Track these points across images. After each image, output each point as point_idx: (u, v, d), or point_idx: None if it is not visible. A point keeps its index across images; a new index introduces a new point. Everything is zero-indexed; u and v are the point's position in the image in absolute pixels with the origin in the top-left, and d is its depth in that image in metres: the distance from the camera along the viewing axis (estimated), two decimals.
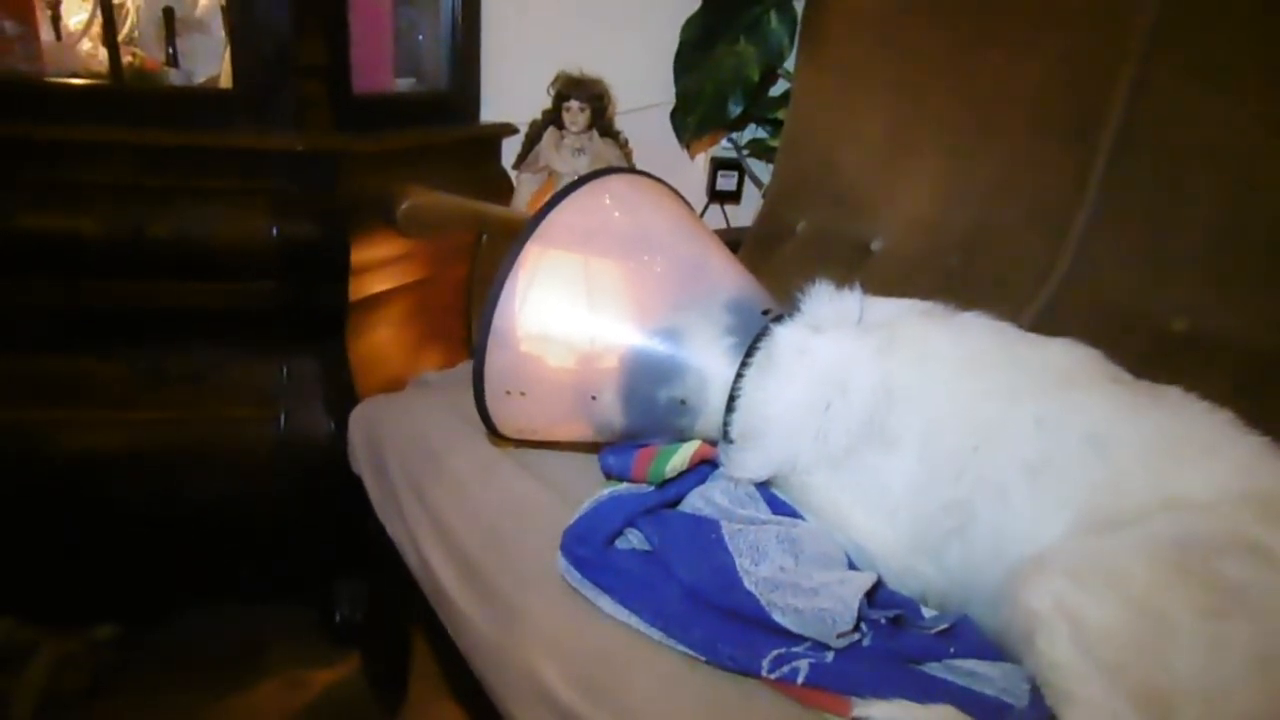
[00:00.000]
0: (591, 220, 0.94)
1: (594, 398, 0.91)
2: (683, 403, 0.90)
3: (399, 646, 1.54)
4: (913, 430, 0.82)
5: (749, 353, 0.89)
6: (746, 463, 0.88)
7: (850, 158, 1.47)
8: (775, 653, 0.72)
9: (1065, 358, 0.85)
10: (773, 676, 0.71)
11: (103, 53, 1.45)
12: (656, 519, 0.85)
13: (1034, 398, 0.80)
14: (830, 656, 0.72)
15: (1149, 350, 1.02)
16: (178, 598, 1.60)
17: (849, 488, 0.84)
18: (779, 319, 0.91)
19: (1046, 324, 1.09)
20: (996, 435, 0.79)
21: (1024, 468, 0.77)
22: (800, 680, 0.70)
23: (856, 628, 0.73)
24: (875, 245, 1.40)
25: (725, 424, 0.89)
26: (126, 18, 1.52)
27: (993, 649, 0.75)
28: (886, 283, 1.19)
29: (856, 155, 1.46)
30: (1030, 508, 0.75)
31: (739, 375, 0.88)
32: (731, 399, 0.89)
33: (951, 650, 0.74)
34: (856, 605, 0.72)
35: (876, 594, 0.79)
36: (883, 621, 0.75)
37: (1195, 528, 0.68)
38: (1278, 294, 0.96)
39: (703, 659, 0.75)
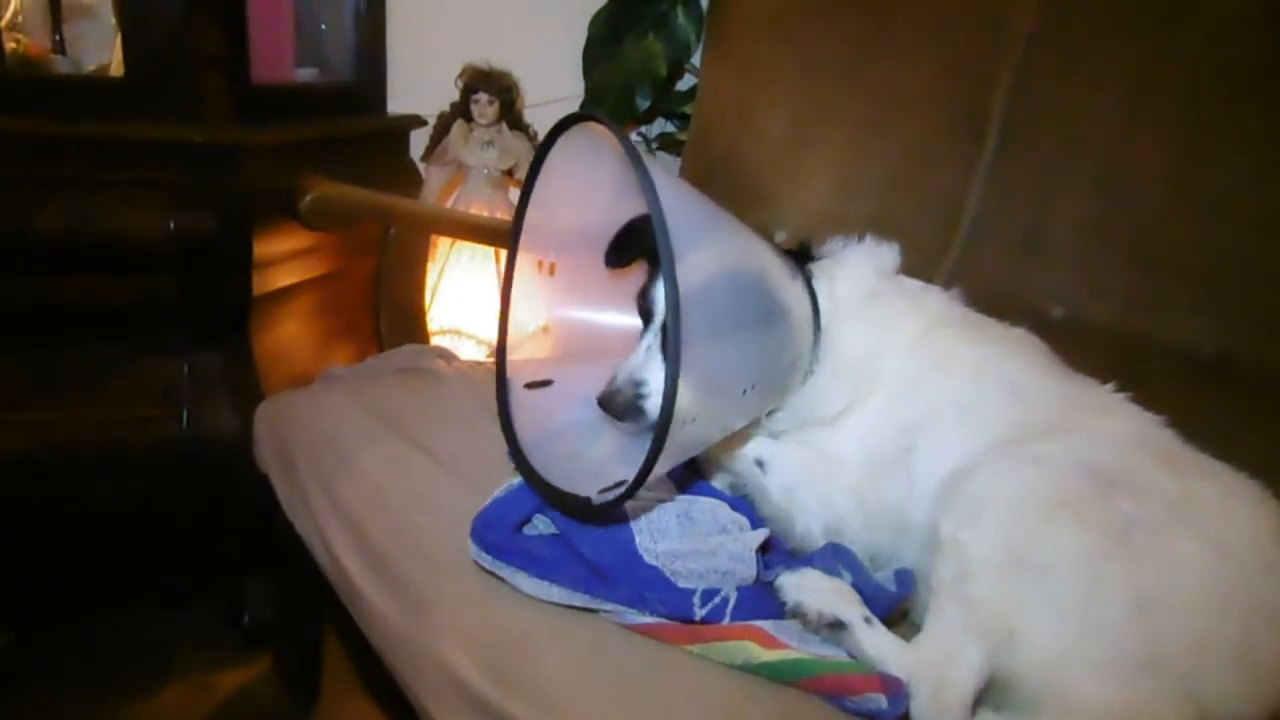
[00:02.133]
0: None
1: None
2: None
3: (310, 645, 1.52)
4: (892, 371, 0.90)
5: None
6: (834, 395, 0.91)
7: (754, 153, 1.51)
8: (702, 589, 0.77)
9: (1010, 331, 0.96)
10: (704, 612, 0.77)
11: None
12: None
13: (973, 345, 0.91)
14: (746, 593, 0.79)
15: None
16: (79, 602, 1.55)
17: (836, 430, 0.92)
18: (804, 257, 0.95)
19: None
20: (941, 373, 0.89)
21: (957, 405, 0.86)
22: (730, 608, 0.77)
23: (757, 580, 0.80)
24: (779, 237, 1.44)
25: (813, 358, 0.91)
26: (9, 3, 1.45)
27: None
28: None
29: (760, 150, 1.51)
30: (958, 441, 0.83)
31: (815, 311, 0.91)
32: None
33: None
34: (753, 559, 0.79)
35: (771, 551, 0.86)
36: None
37: (1097, 456, 0.75)
38: (1142, 282, 1.03)
39: (629, 616, 0.78)
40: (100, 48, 1.48)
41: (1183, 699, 0.64)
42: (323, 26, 1.80)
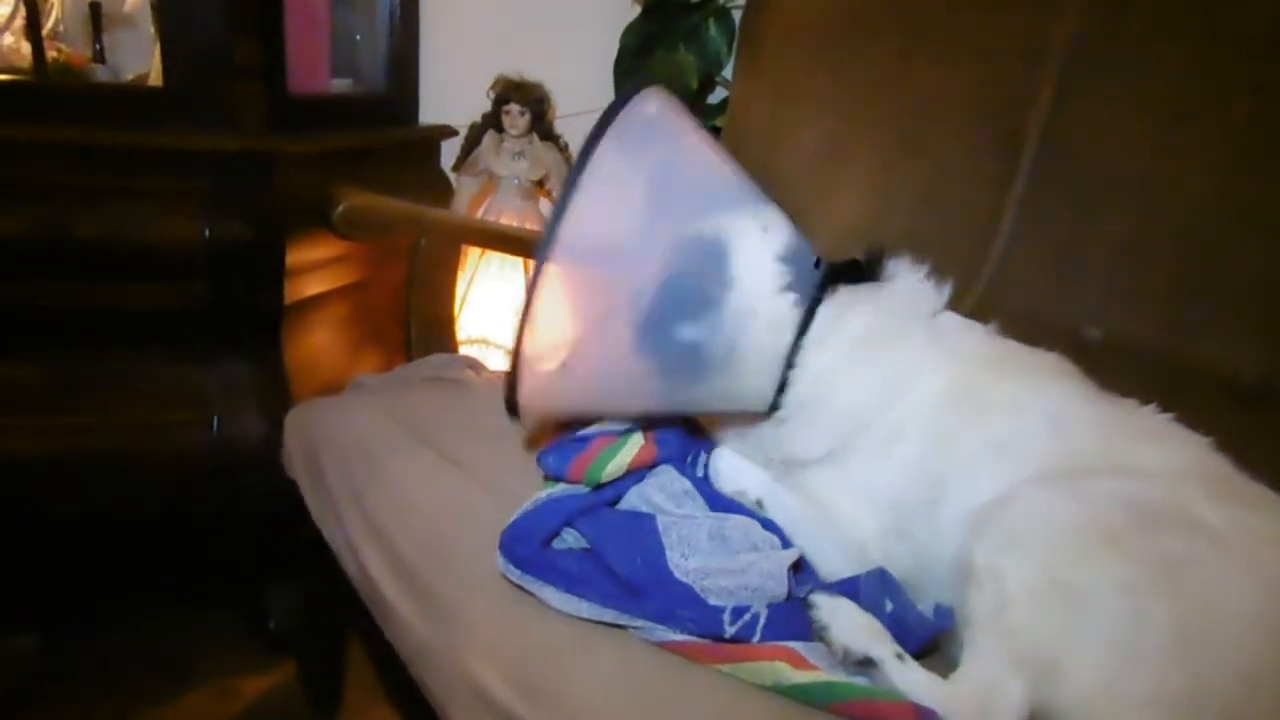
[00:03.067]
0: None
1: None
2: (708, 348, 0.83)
3: (334, 652, 1.52)
4: (921, 426, 0.85)
5: (810, 309, 0.85)
6: (809, 441, 0.87)
7: (786, 167, 1.51)
8: (732, 606, 0.76)
9: (1044, 356, 0.91)
10: (734, 630, 0.75)
11: (26, 47, 1.40)
12: (593, 517, 0.86)
13: (1008, 382, 0.85)
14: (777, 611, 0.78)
15: (1067, 356, 1.07)
16: (106, 606, 1.56)
17: (844, 477, 0.87)
18: (835, 276, 0.88)
19: None
20: (974, 420, 0.84)
21: (992, 444, 0.82)
22: (760, 626, 0.76)
23: (788, 599, 0.79)
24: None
25: (781, 388, 0.86)
26: (51, 11, 1.49)
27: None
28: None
29: (792, 164, 1.50)
30: (993, 479, 0.79)
31: (799, 338, 0.85)
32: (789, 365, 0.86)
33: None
34: (785, 577, 0.78)
35: (802, 570, 0.85)
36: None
37: (1141, 494, 0.73)
38: (1182, 304, 1.02)
39: (658, 632, 0.77)
40: (139, 57, 1.51)
41: None
42: (357, 38, 1.82)
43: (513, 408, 0.86)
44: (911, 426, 0.85)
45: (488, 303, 1.82)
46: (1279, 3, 1.01)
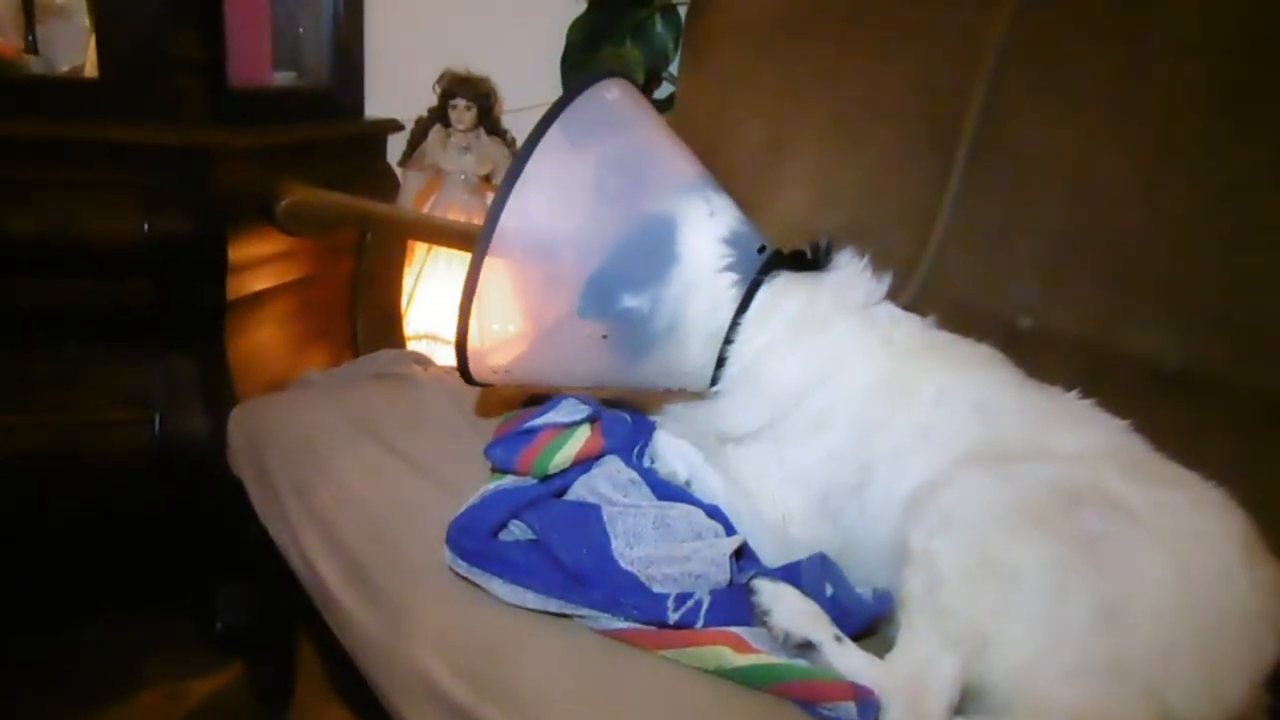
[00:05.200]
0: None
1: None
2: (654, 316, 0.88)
3: (283, 651, 1.51)
4: (850, 413, 0.89)
5: (750, 290, 0.90)
6: (740, 416, 0.91)
7: (731, 162, 1.52)
8: (676, 594, 0.78)
9: (970, 344, 0.95)
10: (677, 616, 0.77)
11: None
12: (539, 509, 0.88)
13: (935, 371, 0.89)
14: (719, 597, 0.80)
15: (1000, 345, 1.09)
16: (49, 609, 1.54)
17: (776, 459, 0.91)
18: (775, 260, 0.93)
19: None
20: (902, 407, 0.87)
21: (918, 431, 0.85)
22: (703, 612, 0.78)
23: (731, 585, 0.81)
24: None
25: (720, 363, 0.90)
26: None
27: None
28: None
29: (737, 160, 1.52)
30: (919, 465, 0.83)
31: (737, 316, 0.89)
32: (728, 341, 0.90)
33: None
34: (727, 564, 0.81)
35: (745, 557, 0.87)
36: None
37: (1061, 476, 0.76)
38: (1110, 295, 1.06)
39: (604, 621, 0.79)
40: (74, 49, 1.48)
41: (1148, 702, 0.66)
42: (300, 30, 1.80)
43: (465, 371, 0.89)
44: (841, 413, 0.89)
45: (436, 298, 1.82)
46: (1197, 7, 1.05)
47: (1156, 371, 1.00)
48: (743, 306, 0.90)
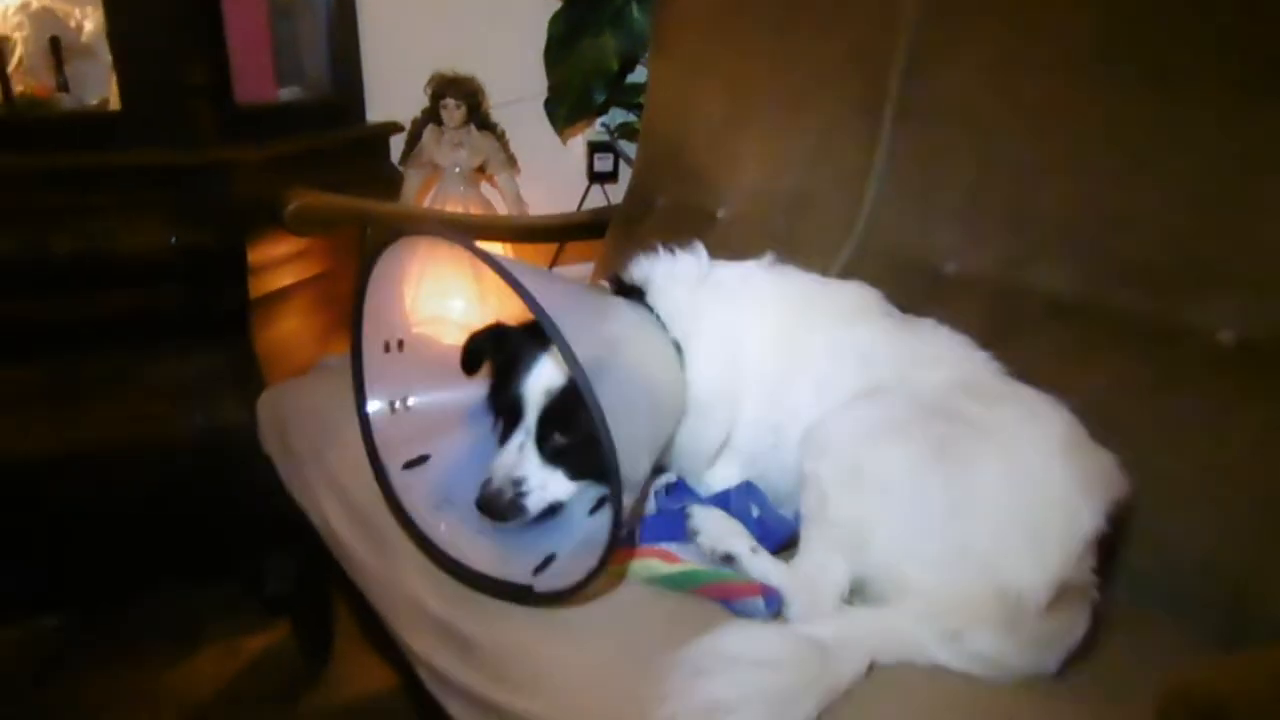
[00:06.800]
0: None
1: None
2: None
3: (323, 611, 1.69)
4: (754, 370, 1.02)
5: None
6: (711, 430, 1.02)
7: (697, 138, 1.65)
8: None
9: (853, 297, 1.07)
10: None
11: None
12: None
13: (825, 330, 1.01)
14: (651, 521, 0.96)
15: (927, 288, 1.23)
16: (118, 584, 1.72)
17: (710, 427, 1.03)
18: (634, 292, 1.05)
19: (853, 270, 1.30)
20: (798, 363, 1.00)
21: (814, 386, 0.98)
22: (638, 534, 0.92)
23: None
24: (720, 214, 1.58)
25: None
26: (15, 49, 1.61)
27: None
28: (730, 246, 1.35)
29: (702, 135, 1.64)
30: (817, 406, 0.95)
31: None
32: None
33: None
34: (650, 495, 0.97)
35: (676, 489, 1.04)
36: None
37: (918, 396, 0.90)
38: (1016, 238, 1.16)
39: None
40: (100, 84, 1.64)
41: (986, 576, 0.78)
42: (300, 47, 1.93)
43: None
44: (747, 389, 1.02)
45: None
46: None
47: (1057, 303, 1.11)
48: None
